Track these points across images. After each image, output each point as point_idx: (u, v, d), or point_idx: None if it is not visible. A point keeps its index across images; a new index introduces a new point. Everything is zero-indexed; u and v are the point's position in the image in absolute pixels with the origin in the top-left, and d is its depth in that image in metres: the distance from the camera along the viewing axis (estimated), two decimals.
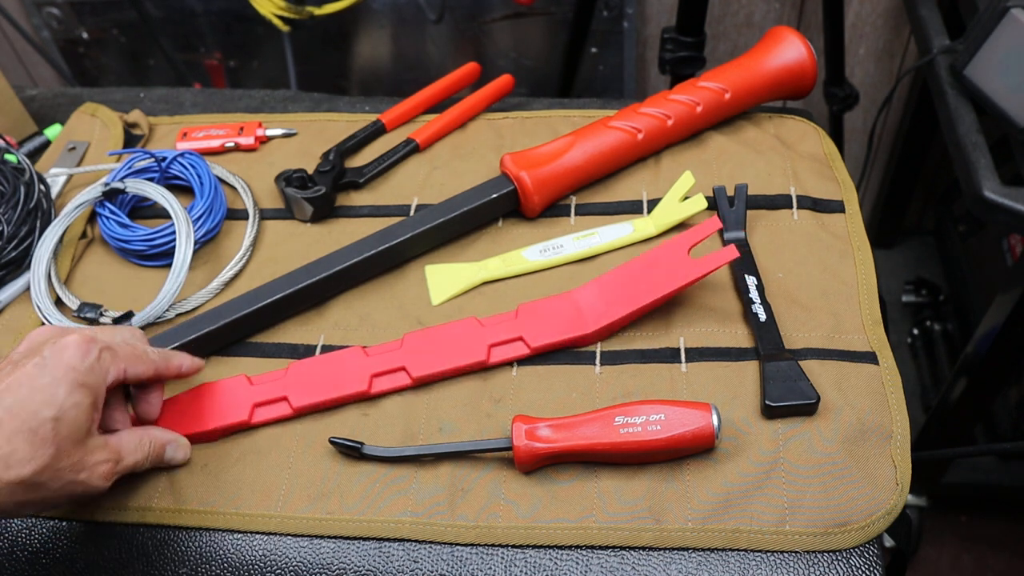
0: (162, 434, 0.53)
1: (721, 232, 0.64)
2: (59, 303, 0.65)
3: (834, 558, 0.49)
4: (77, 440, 0.45)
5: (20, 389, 0.44)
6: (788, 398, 0.52)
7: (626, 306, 0.58)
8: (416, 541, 0.51)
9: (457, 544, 0.51)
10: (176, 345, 0.59)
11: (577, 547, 0.50)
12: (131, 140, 0.79)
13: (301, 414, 0.57)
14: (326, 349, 0.61)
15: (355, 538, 0.52)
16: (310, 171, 0.71)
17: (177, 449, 0.53)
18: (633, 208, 0.68)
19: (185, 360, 0.55)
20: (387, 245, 0.63)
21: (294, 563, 0.51)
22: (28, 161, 0.69)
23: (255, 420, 0.56)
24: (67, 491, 0.46)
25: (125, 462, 0.49)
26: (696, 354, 0.57)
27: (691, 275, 0.56)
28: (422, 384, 0.58)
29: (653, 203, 0.67)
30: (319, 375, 0.57)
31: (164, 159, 0.70)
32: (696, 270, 0.56)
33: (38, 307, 0.63)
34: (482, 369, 0.58)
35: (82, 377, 0.45)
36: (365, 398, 0.57)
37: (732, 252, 0.56)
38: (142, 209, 0.72)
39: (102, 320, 0.62)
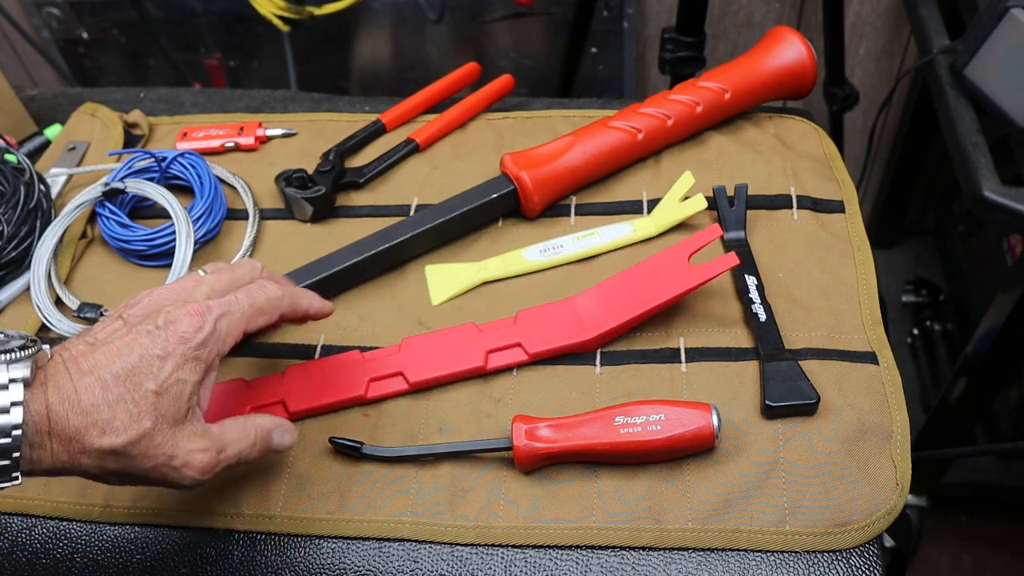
0: (267, 420, 0.49)
1: (721, 235, 0.64)
2: (59, 303, 0.65)
3: (834, 558, 0.49)
4: (175, 419, 0.43)
5: (130, 356, 0.42)
6: (788, 398, 0.52)
7: (625, 313, 0.57)
8: (416, 541, 0.51)
9: (457, 544, 0.51)
10: None
11: (577, 547, 0.50)
12: (131, 140, 0.79)
13: (298, 418, 0.57)
14: (326, 349, 0.61)
15: (355, 538, 0.52)
16: (310, 171, 0.71)
17: (284, 434, 0.50)
18: (633, 208, 0.68)
19: (315, 302, 0.52)
20: (387, 245, 0.63)
21: (294, 563, 0.51)
22: (28, 161, 0.69)
23: None
24: (159, 473, 0.43)
25: (228, 451, 0.46)
26: (696, 354, 0.57)
27: (691, 282, 0.56)
28: (420, 389, 0.58)
29: (653, 203, 0.67)
30: (316, 379, 0.57)
31: (164, 159, 0.70)
32: (696, 277, 0.56)
33: (38, 307, 0.63)
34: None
35: (192, 351, 0.44)
36: (362, 403, 0.57)
37: (732, 259, 0.56)
38: (142, 209, 0.72)
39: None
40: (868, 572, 0.48)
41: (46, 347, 0.43)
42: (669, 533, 0.49)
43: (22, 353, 0.41)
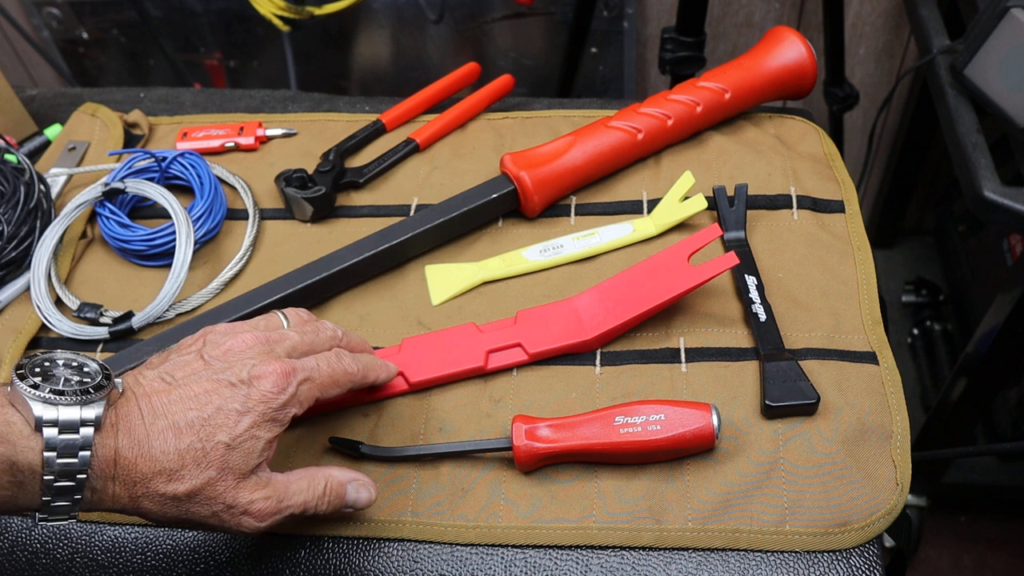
0: (342, 473, 0.48)
1: (721, 235, 0.64)
2: (59, 303, 0.65)
3: (834, 558, 0.49)
4: (239, 475, 0.42)
5: (208, 405, 0.41)
6: (788, 398, 0.52)
7: (625, 313, 0.57)
8: (416, 541, 0.51)
9: (457, 544, 0.51)
10: None
11: (577, 547, 0.50)
12: (131, 140, 0.79)
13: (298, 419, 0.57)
14: None
15: (355, 538, 0.52)
16: (310, 171, 0.71)
17: (360, 489, 0.48)
18: (633, 208, 0.68)
19: (383, 372, 0.52)
20: (387, 245, 0.63)
21: (295, 563, 0.51)
22: (28, 161, 0.69)
23: None
24: (218, 519, 0.43)
25: (291, 501, 0.44)
26: (696, 354, 0.57)
27: (690, 282, 0.56)
28: (420, 389, 0.58)
29: (653, 203, 0.67)
30: None
31: (164, 159, 0.70)
32: (696, 277, 0.56)
33: (38, 307, 0.63)
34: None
35: (272, 413, 0.43)
36: (362, 403, 0.57)
37: (732, 259, 0.56)
38: (142, 209, 0.72)
39: (102, 320, 0.62)
40: (868, 572, 0.48)
41: (119, 381, 0.42)
42: (669, 533, 0.49)
43: (96, 394, 0.39)
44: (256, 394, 0.43)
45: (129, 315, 0.62)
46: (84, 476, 0.39)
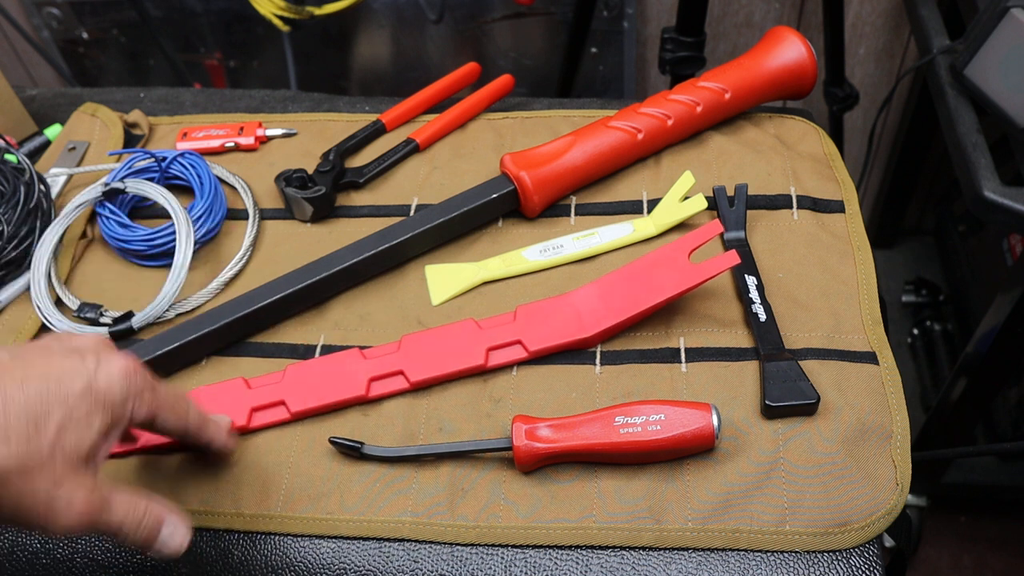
0: (164, 510, 0.45)
1: (721, 234, 0.64)
2: (59, 303, 0.65)
3: (834, 558, 0.49)
4: (69, 460, 0.40)
5: (50, 381, 0.41)
6: (788, 398, 0.52)
7: (625, 311, 0.57)
8: (416, 541, 0.51)
9: (457, 544, 0.51)
10: (176, 345, 0.59)
11: (577, 547, 0.50)
12: (131, 140, 0.79)
13: (299, 418, 0.57)
14: (326, 349, 0.61)
15: (355, 538, 0.52)
16: (310, 171, 0.71)
17: (174, 534, 0.45)
18: (633, 208, 0.68)
19: (217, 437, 0.52)
20: (387, 245, 0.63)
21: (294, 563, 0.51)
22: (28, 161, 0.69)
23: (253, 425, 0.56)
24: (25, 507, 0.39)
25: (109, 513, 0.42)
26: (696, 354, 0.57)
27: (691, 281, 0.56)
28: (420, 388, 0.58)
29: (653, 203, 0.67)
30: (316, 379, 0.57)
31: (164, 159, 0.70)
32: (696, 275, 0.56)
33: (38, 307, 0.63)
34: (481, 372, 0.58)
35: (112, 401, 0.42)
36: (363, 402, 0.57)
37: (733, 258, 0.56)
38: (142, 209, 0.72)
39: (102, 320, 0.62)
40: (868, 572, 0.48)
41: None
42: (669, 533, 0.49)
43: None
44: (102, 379, 0.42)
45: (129, 315, 0.62)
46: None
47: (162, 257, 0.67)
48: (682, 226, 0.66)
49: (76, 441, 0.41)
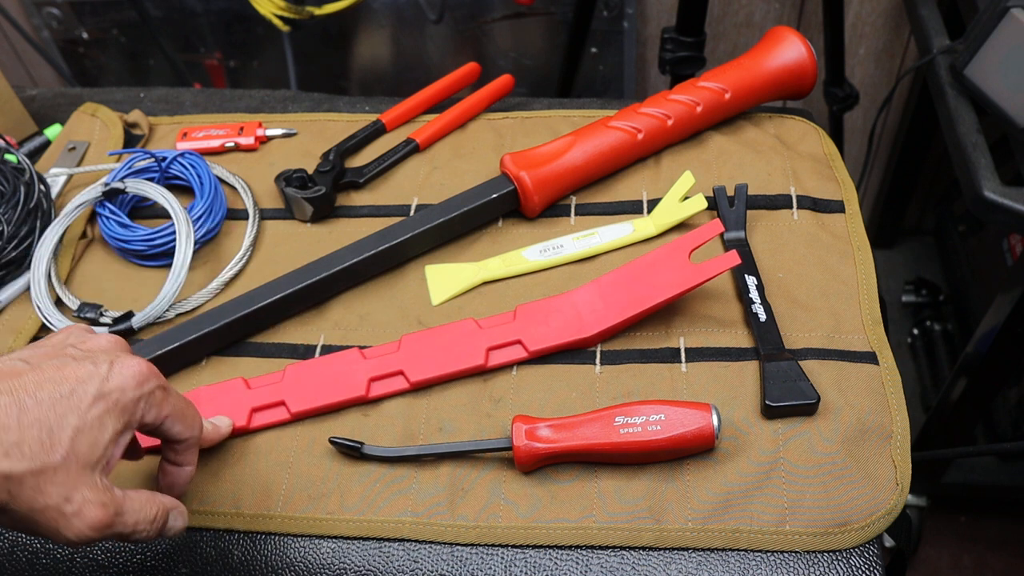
0: (169, 501, 0.46)
1: (721, 234, 0.64)
2: (59, 303, 0.65)
3: (834, 558, 0.49)
4: (83, 464, 0.40)
5: (62, 386, 0.40)
6: (788, 398, 0.52)
7: (625, 311, 0.57)
8: (416, 541, 0.51)
9: (457, 544, 0.51)
10: (176, 345, 0.59)
11: (577, 547, 0.50)
12: (131, 140, 0.79)
13: (299, 419, 0.57)
14: (326, 349, 0.61)
15: (355, 538, 0.52)
16: (310, 171, 0.71)
17: (177, 517, 0.47)
18: (633, 208, 0.68)
19: (213, 435, 0.54)
20: (387, 245, 0.63)
21: (294, 563, 0.51)
22: (28, 161, 0.69)
23: (253, 425, 0.56)
24: (47, 517, 0.39)
25: (125, 518, 0.42)
26: (696, 354, 0.57)
27: (691, 281, 0.56)
28: (420, 388, 0.58)
29: (653, 203, 0.67)
30: (316, 379, 0.57)
31: (164, 159, 0.70)
32: (696, 276, 0.56)
33: (38, 307, 0.63)
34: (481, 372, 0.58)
35: (126, 403, 0.42)
36: (363, 402, 0.57)
37: (733, 258, 0.56)
38: (142, 209, 0.72)
39: (102, 320, 0.62)
40: (868, 572, 0.48)
41: None
42: (669, 533, 0.49)
43: None
44: (115, 380, 0.42)
45: (129, 315, 0.62)
46: None
47: (162, 257, 0.67)
48: (682, 226, 0.66)
49: (89, 447, 0.40)
